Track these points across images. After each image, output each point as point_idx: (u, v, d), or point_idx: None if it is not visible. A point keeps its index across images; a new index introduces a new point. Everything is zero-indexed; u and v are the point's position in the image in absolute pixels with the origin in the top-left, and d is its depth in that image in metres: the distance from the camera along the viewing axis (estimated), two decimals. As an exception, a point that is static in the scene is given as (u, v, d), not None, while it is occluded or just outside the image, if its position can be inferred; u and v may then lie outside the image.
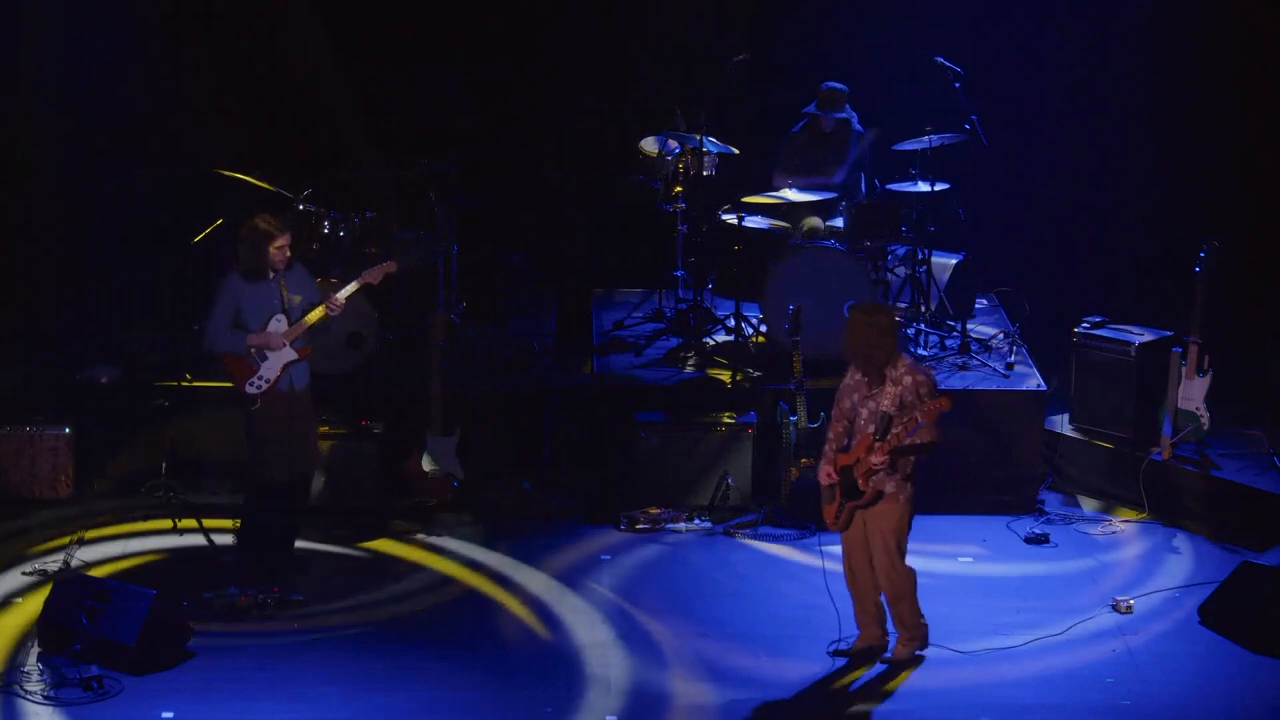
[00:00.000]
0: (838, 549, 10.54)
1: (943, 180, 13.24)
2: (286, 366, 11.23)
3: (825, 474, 10.22)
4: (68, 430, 12.49)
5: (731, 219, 13.21)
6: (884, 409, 9.98)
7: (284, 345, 11.22)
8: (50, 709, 9.91)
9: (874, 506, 10.13)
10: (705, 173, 13.46)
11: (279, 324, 11.24)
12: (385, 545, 12.04)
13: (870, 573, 10.33)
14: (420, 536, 12.15)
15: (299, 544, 11.77)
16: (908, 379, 10.03)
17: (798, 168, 13.55)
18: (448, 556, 11.90)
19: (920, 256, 13.41)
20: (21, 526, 12.15)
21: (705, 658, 10.62)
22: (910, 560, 10.35)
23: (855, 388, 10.18)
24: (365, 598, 11.32)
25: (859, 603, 10.47)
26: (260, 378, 11.21)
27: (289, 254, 11.27)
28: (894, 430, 9.92)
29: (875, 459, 9.97)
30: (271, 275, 11.24)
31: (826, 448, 10.28)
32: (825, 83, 13.50)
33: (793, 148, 13.62)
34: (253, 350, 11.19)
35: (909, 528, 10.25)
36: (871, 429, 10.00)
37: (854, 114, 13.56)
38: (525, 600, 11.30)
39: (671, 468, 12.53)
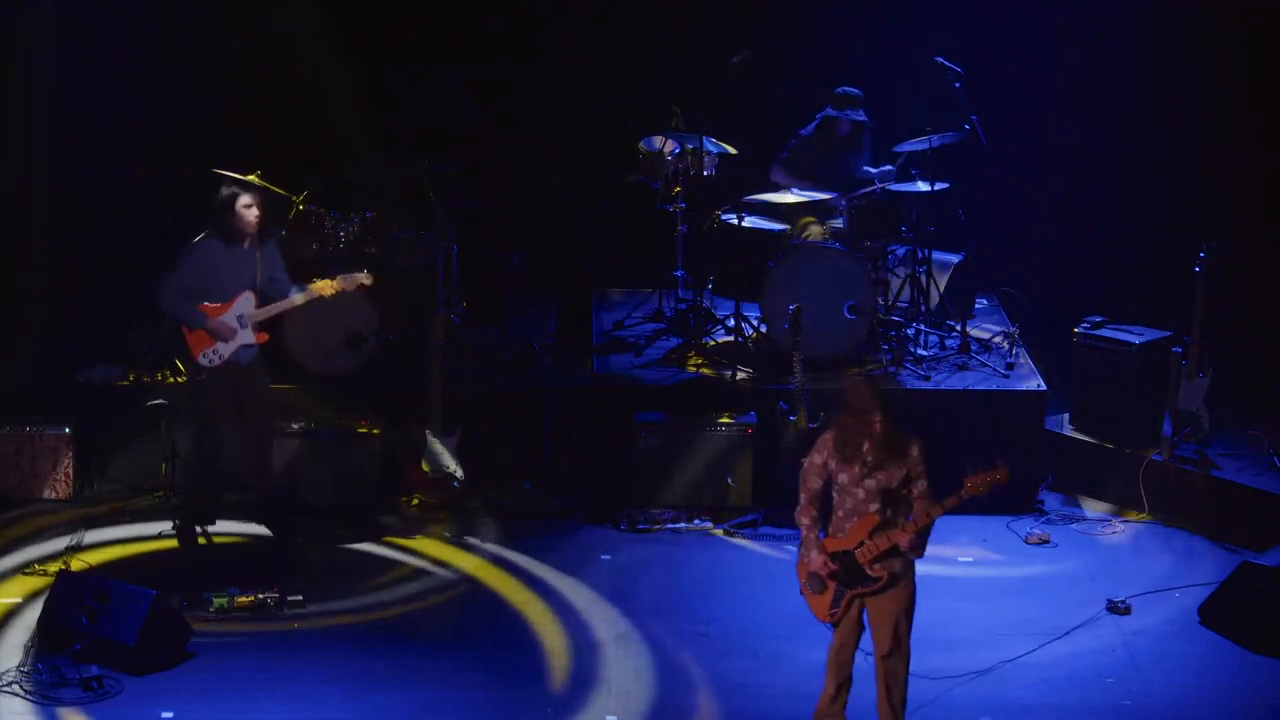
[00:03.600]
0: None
1: (943, 180, 13.24)
2: (242, 348, 11.23)
3: (820, 564, 9.16)
4: (68, 430, 12.49)
5: (731, 219, 13.21)
6: (887, 485, 9.05)
7: (241, 331, 11.16)
8: (50, 709, 9.90)
9: (887, 591, 9.17)
10: (705, 173, 13.46)
11: (247, 302, 11.19)
12: (385, 545, 12.04)
13: (855, 649, 9.44)
14: (420, 536, 12.15)
15: (298, 544, 11.79)
16: (914, 450, 9.10)
17: (804, 169, 13.53)
18: (447, 556, 11.90)
19: (920, 256, 13.41)
20: (21, 526, 12.15)
21: (706, 657, 10.62)
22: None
23: (836, 469, 9.11)
24: (365, 598, 11.32)
25: (836, 669, 9.46)
26: (215, 352, 11.17)
27: (259, 216, 11.20)
28: (923, 510, 9.02)
29: (900, 540, 9.02)
30: (247, 243, 11.16)
31: (806, 534, 9.18)
32: (840, 86, 13.47)
33: (802, 149, 13.59)
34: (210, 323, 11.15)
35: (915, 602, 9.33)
36: (874, 508, 9.05)
37: (868, 117, 13.56)
38: (525, 600, 11.30)
39: (671, 468, 12.53)
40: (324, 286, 11.57)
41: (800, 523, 9.22)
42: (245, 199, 11.12)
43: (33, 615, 10.75)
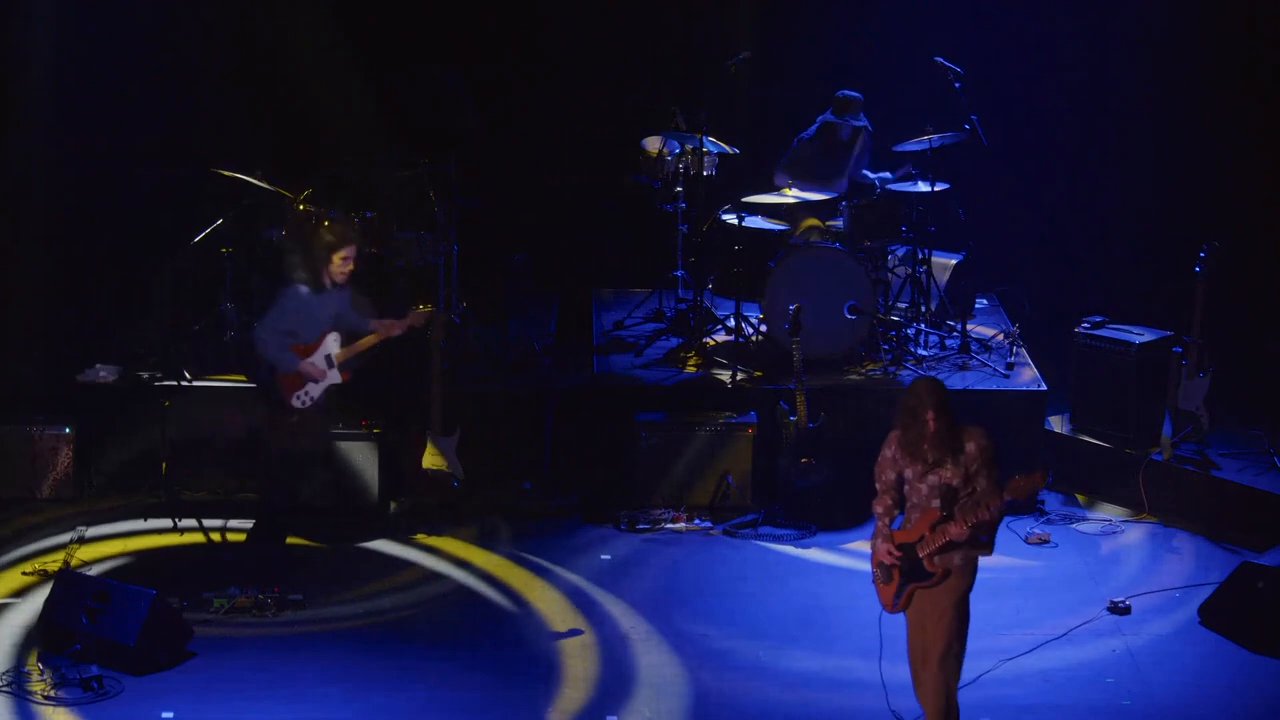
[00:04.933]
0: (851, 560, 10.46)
1: (943, 180, 13.24)
2: (331, 388, 11.32)
3: (885, 553, 9.26)
4: (68, 430, 12.49)
5: (731, 219, 13.21)
6: (947, 481, 9.14)
7: (329, 371, 11.28)
8: (50, 709, 9.91)
9: (941, 584, 9.23)
10: (705, 173, 13.46)
11: (334, 344, 11.28)
12: (385, 545, 12.05)
13: None
14: (420, 536, 12.15)
15: (299, 544, 11.78)
16: (970, 447, 9.17)
17: (806, 173, 13.53)
18: (448, 556, 11.91)
19: (920, 256, 13.42)
20: (21, 526, 12.15)
21: (706, 657, 10.62)
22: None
23: (903, 462, 9.23)
24: (365, 598, 11.32)
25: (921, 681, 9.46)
26: (306, 394, 11.29)
27: (352, 267, 11.28)
28: (973, 507, 9.09)
29: (955, 535, 9.08)
30: (331, 285, 11.23)
31: (878, 524, 9.32)
32: (841, 90, 13.47)
33: (803, 153, 13.59)
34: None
35: (969, 599, 9.29)
36: (935, 504, 9.15)
37: (868, 122, 13.56)
38: (524, 600, 11.30)
39: (671, 468, 12.53)
40: (393, 326, 11.60)
41: (874, 511, 9.36)
42: (344, 252, 11.18)
43: (33, 615, 10.75)
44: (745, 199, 13.32)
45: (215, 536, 11.99)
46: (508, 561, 11.83)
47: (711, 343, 13.49)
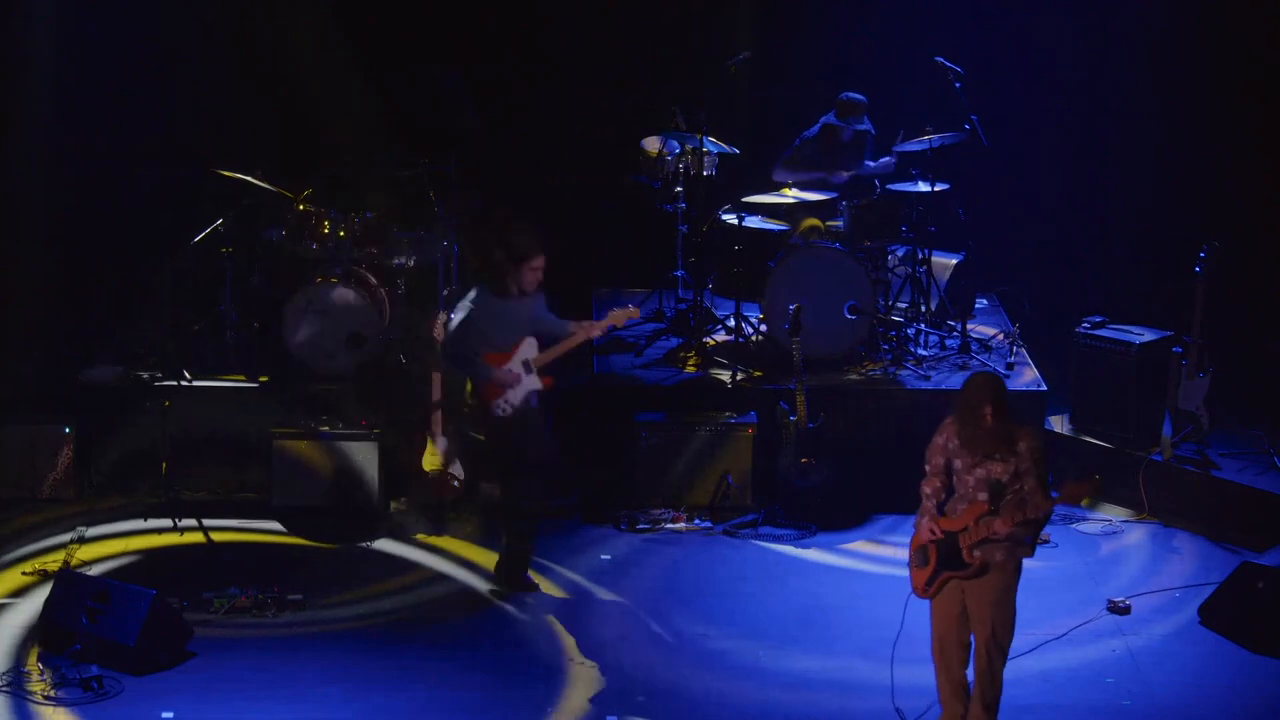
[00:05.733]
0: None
1: (943, 180, 13.24)
2: (531, 394, 11.07)
3: (927, 531, 9.33)
4: (68, 430, 12.49)
5: (731, 219, 13.20)
6: (997, 476, 9.19)
7: (526, 376, 11.05)
8: (50, 709, 9.90)
9: (980, 579, 9.28)
10: (705, 173, 13.46)
11: (530, 349, 11.04)
12: (385, 545, 12.05)
13: (959, 647, 9.46)
14: (420, 536, 12.15)
15: (299, 544, 11.78)
16: (1022, 446, 9.19)
17: (805, 172, 13.52)
18: (447, 556, 11.91)
19: (920, 256, 13.42)
20: (21, 526, 12.15)
21: (706, 657, 10.62)
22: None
23: (954, 452, 9.28)
24: (365, 598, 11.32)
25: (944, 674, 9.51)
26: (506, 401, 11.00)
27: (542, 276, 10.99)
28: (1019, 504, 9.15)
29: (998, 529, 9.14)
30: (518, 293, 10.99)
31: (925, 504, 9.36)
32: (845, 93, 13.46)
33: (804, 151, 13.59)
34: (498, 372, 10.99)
35: (1015, 598, 9.33)
36: (982, 497, 9.19)
37: (871, 125, 13.56)
38: (525, 600, 11.30)
39: (671, 468, 12.53)
40: (593, 327, 11.35)
41: (922, 492, 9.41)
42: (536, 261, 10.91)
43: (33, 615, 10.75)
44: (745, 199, 13.32)
45: (215, 536, 11.99)
46: (508, 561, 11.83)
47: (711, 343, 13.49)
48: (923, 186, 13.20)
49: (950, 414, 9.33)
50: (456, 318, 10.93)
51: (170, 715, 9.86)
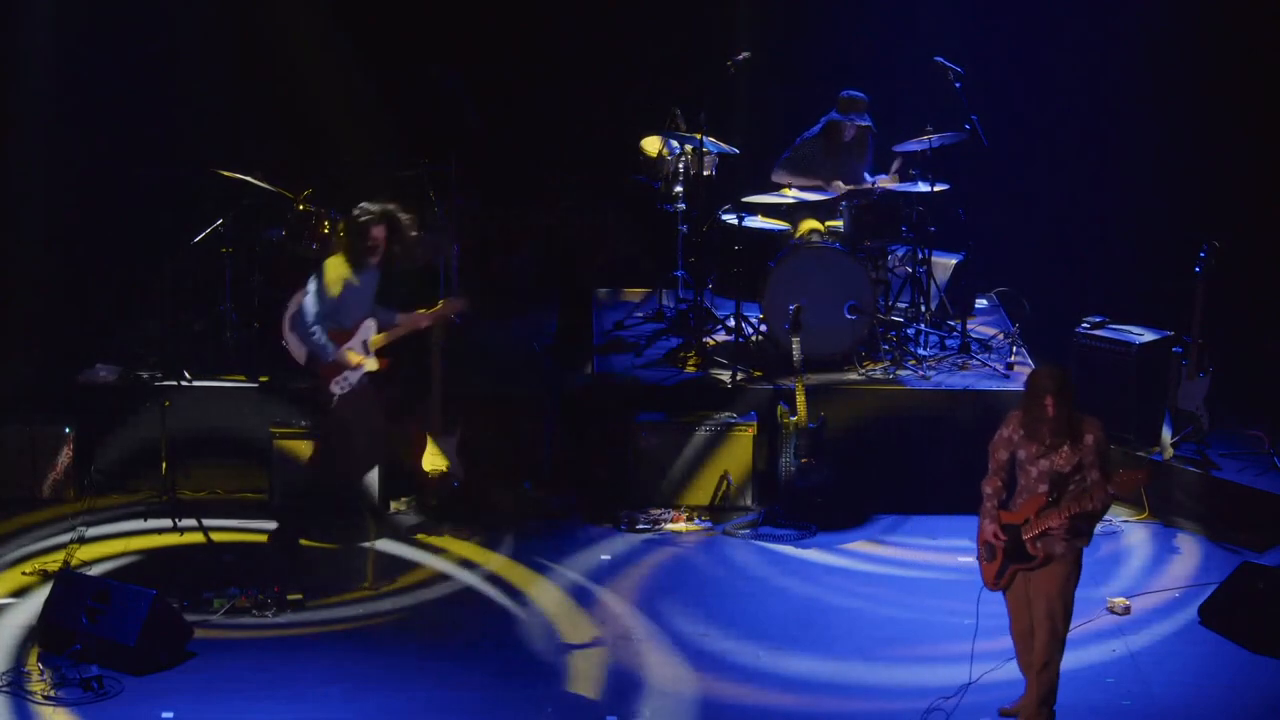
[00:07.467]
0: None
1: (943, 180, 13.24)
2: (365, 374, 11.31)
3: (991, 533, 9.52)
4: (68, 430, 12.49)
5: (731, 219, 13.21)
6: (1059, 468, 9.34)
7: (367, 358, 11.20)
8: (50, 709, 9.90)
9: (1041, 570, 9.48)
10: (705, 173, 13.46)
11: (368, 330, 11.21)
12: (385, 545, 12.04)
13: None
14: (420, 536, 12.15)
15: (299, 544, 11.79)
16: (1088, 438, 9.31)
17: (805, 171, 13.51)
18: (447, 556, 11.91)
19: (920, 256, 13.42)
20: (21, 526, 12.15)
21: (706, 657, 10.62)
22: (910, 559, 10.35)
23: (1018, 444, 9.44)
24: (365, 598, 11.32)
25: (1025, 659, 9.78)
26: (345, 379, 11.20)
27: (383, 246, 11.20)
28: (1077, 496, 9.28)
29: (1054, 522, 9.32)
30: (371, 265, 11.19)
31: (986, 503, 9.54)
32: (846, 90, 13.46)
33: (804, 150, 13.58)
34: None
35: (1075, 589, 9.56)
36: (1043, 489, 9.36)
37: (872, 122, 13.56)
38: (525, 600, 11.30)
39: (671, 468, 12.53)
40: (421, 318, 11.61)
41: (983, 491, 9.57)
42: (375, 229, 11.12)
43: (33, 615, 10.75)
44: (745, 199, 13.32)
45: (215, 536, 11.99)
46: (508, 561, 11.83)
47: (711, 343, 13.49)
48: (923, 186, 13.20)
49: (1019, 408, 9.43)
50: (310, 292, 11.09)
51: (170, 715, 9.87)
